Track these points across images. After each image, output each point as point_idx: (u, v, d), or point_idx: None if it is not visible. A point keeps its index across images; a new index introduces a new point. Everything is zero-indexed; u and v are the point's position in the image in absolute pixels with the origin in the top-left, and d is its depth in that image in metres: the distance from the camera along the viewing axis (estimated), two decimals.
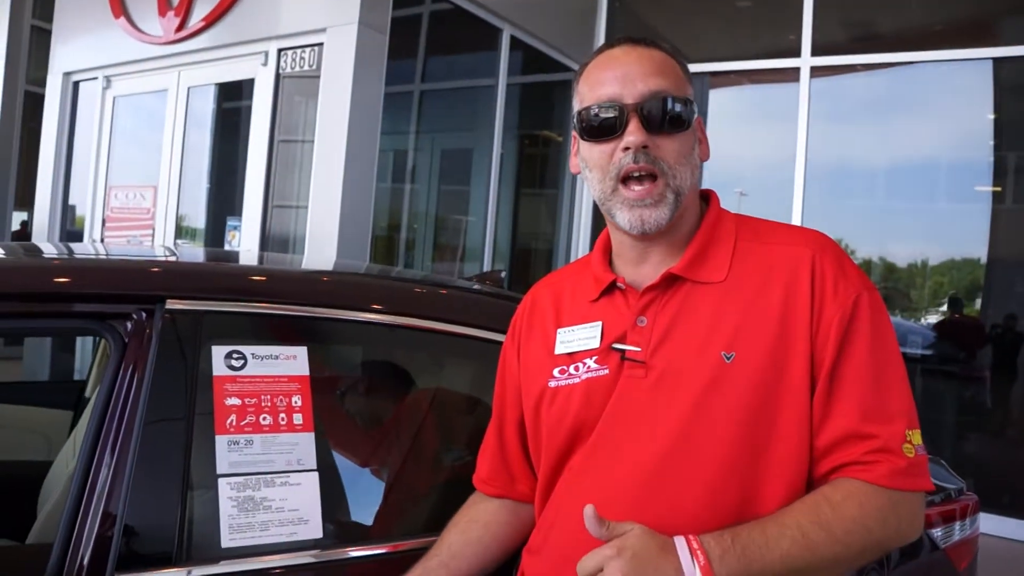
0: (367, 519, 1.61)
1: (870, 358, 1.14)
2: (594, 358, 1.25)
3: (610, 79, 1.21)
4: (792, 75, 5.76)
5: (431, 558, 1.38)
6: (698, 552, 1.05)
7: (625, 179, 1.20)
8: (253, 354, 1.46)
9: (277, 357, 1.47)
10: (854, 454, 1.11)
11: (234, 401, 1.41)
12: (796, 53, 5.73)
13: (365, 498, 1.64)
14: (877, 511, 1.10)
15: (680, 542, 1.06)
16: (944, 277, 5.65)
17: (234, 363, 1.44)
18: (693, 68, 1.33)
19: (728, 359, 1.15)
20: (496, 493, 1.44)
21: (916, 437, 1.13)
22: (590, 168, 1.25)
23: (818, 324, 1.15)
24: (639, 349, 1.21)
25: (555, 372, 1.29)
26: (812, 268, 1.18)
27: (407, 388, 1.83)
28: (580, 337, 1.28)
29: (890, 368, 1.16)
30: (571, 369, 1.27)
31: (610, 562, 1.03)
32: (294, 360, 1.48)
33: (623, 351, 1.22)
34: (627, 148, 1.19)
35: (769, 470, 1.14)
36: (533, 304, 1.42)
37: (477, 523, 1.42)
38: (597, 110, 1.21)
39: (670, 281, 1.23)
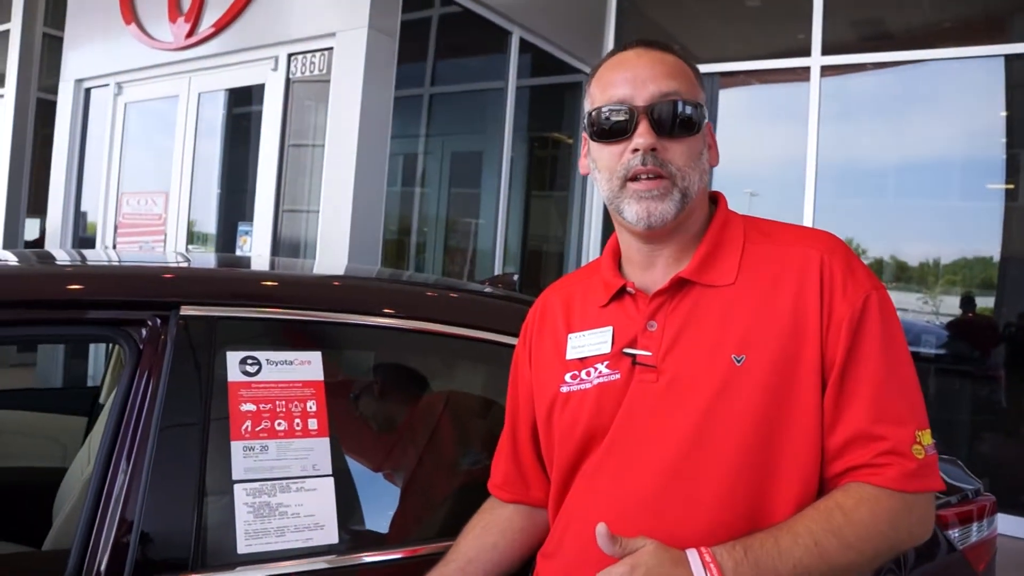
0: (383, 524, 1.61)
1: (880, 358, 1.14)
2: (605, 363, 1.25)
3: (621, 81, 1.22)
4: (802, 74, 5.74)
5: (448, 563, 1.37)
6: (711, 565, 1.05)
7: (633, 178, 1.20)
8: (268, 360, 1.46)
9: (292, 362, 1.48)
10: (864, 457, 1.11)
11: (249, 407, 1.42)
12: (806, 52, 5.71)
13: (381, 503, 1.64)
14: (889, 515, 1.10)
15: (693, 556, 1.06)
16: (956, 276, 5.62)
17: (249, 369, 1.44)
18: (703, 68, 1.33)
19: (739, 362, 1.15)
20: (511, 498, 1.43)
21: (926, 437, 1.13)
22: (599, 169, 1.25)
23: (828, 325, 1.15)
24: (650, 354, 1.21)
25: (567, 377, 1.29)
26: (821, 269, 1.18)
27: (421, 392, 1.83)
28: (591, 342, 1.28)
29: (900, 368, 1.16)
30: (583, 374, 1.27)
31: None
32: (309, 365, 1.49)
33: (634, 356, 1.22)
34: (636, 150, 1.19)
35: (782, 471, 1.14)
36: (544, 309, 1.42)
37: (492, 529, 1.42)
38: (607, 112, 1.21)
39: (679, 285, 1.23)
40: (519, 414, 1.43)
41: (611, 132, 1.21)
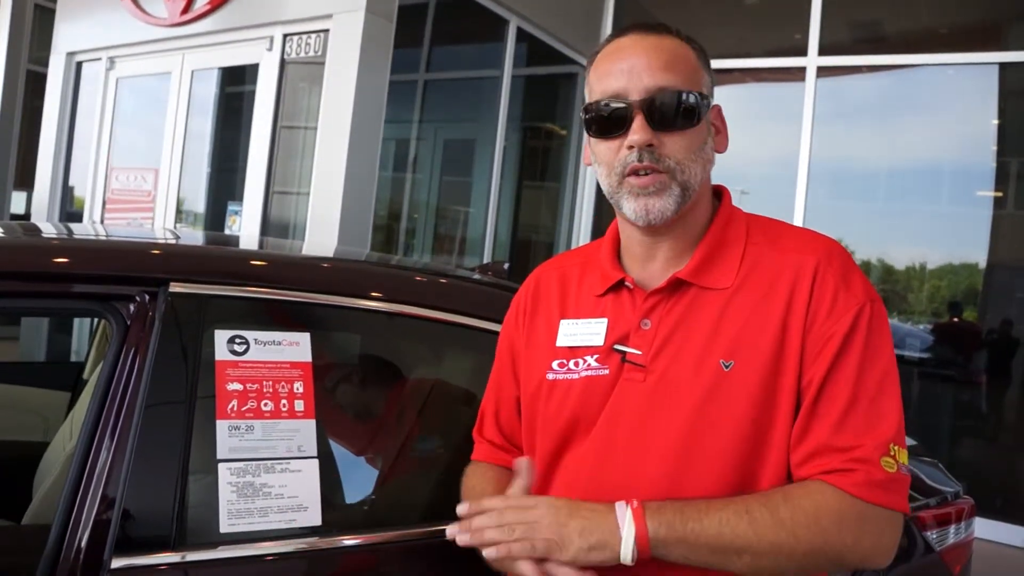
0: (367, 507, 1.61)
1: (857, 376, 1.10)
2: (595, 356, 1.23)
3: (616, 72, 1.17)
4: (798, 74, 5.76)
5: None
6: (633, 500, 1.08)
7: (631, 172, 1.17)
8: (256, 339, 1.45)
9: (280, 343, 1.47)
10: (832, 464, 1.08)
11: (236, 386, 1.41)
12: (803, 52, 5.72)
13: (365, 486, 1.64)
14: (837, 516, 1.06)
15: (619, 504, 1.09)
16: (942, 281, 5.66)
17: (237, 348, 1.43)
18: None
19: (727, 367, 1.13)
20: (501, 463, 1.40)
21: (902, 455, 1.09)
22: (598, 163, 1.22)
23: (807, 337, 1.12)
24: (640, 352, 1.19)
25: (554, 364, 1.27)
26: (814, 279, 1.14)
27: (408, 377, 1.83)
28: (584, 332, 1.26)
29: (882, 385, 1.12)
30: (571, 364, 1.25)
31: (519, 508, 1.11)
32: (297, 346, 1.48)
33: (624, 353, 1.20)
34: (631, 147, 1.15)
35: (764, 475, 1.13)
36: (537, 286, 1.38)
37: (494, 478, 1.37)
38: (603, 106, 1.18)
39: (677, 286, 1.20)
40: (506, 388, 1.39)
41: (608, 127, 1.18)
